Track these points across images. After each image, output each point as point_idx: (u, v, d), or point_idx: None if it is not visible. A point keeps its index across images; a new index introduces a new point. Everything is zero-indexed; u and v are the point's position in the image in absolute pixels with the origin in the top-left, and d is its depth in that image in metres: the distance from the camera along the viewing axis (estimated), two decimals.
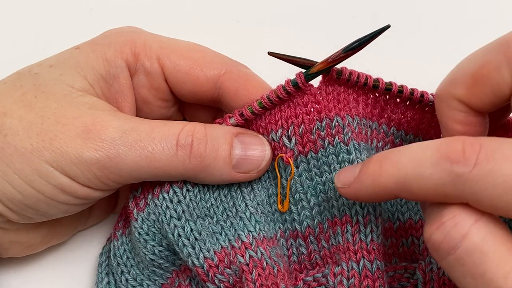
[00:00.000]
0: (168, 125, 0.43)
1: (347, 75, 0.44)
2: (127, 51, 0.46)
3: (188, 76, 0.46)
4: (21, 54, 0.49)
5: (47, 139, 0.40)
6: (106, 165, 0.40)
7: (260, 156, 0.44)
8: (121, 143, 0.41)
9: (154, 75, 0.46)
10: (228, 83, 0.45)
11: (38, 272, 0.49)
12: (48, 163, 0.40)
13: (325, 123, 0.43)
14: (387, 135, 0.46)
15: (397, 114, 0.46)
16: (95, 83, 0.44)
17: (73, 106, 0.42)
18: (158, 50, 0.46)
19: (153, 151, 0.41)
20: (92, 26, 0.49)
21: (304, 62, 0.44)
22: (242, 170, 0.43)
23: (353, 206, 0.42)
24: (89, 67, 0.44)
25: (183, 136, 0.42)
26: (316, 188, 0.44)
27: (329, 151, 0.43)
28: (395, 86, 0.45)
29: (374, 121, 0.46)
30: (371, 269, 0.41)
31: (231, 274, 0.42)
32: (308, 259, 0.44)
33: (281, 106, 0.44)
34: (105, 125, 0.41)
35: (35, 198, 0.41)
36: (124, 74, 0.46)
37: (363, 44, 0.42)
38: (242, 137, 0.44)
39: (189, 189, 0.44)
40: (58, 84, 0.43)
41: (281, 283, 0.40)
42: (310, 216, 0.44)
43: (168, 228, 0.43)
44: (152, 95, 0.47)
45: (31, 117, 0.41)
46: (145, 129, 0.42)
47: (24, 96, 0.42)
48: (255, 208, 0.44)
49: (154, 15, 0.64)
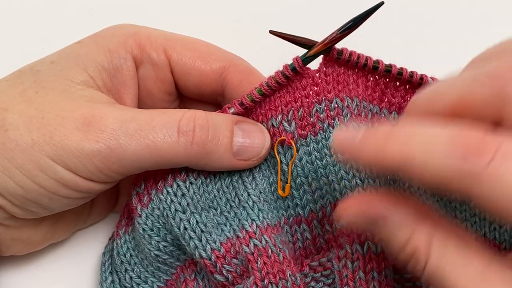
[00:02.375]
0: (168, 112, 0.43)
1: (347, 56, 0.44)
2: (131, 42, 0.46)
3: (194, 67, 0.46)
4: (21, 54, 0.49)
5: (47, 133, 0.41)
6: (107, 156, 0.40)
7: (260, 143, 0.44)
8: (121, 133, 0.41)
9: (161, 66, 0.46)
10: (233, 75, 0.46)
11: (38, 272, 0.50)
12: (49, 157, 0.40)
13: (324, 105, 0.43)
14: (388, 120, 0.46)
15: (397, 98, 0.46)
16: (96, 75, 0.45)
17: (72, 100, 0.42)
18: (164, 42, 0.46)
19: (154, 140, 0.41)
20: (92, 26, 0.49)
21: (305, 41, 0.44)
22: (242, 158, 0.43)
23: (355, 188, 0.42)
24: (89, 59, 0.45)
25: (185, 123, 0.42)
26: (317, 172, 0.43)
27: (330, 133, 0.43)
28: (394, 68, 0.45)
29: (375, 105, 0.45)
30: (375, 251, 0.41)
31: (238, 264, 0.42)
32: (313, 244, 0.44)
33: (280, 92, 0.44)
34: (104, 116, 0.41)
35: (37, 192, 0.41)
36: (127, 64, 0.46)
37: (359, 23, 0.42)
38: (242, 125, 0.44)
39: (192, 181, 0.44)
40: (58, 79, 0.43)
41: (287, 270, 0.41)
42: (312, 200, 0.44)
43: (173, 222, 0.43)
44: (157, 87, 0.47)
45: (31, 112, 0.41)
46: (145, 118, 0.42)
47: (24, 92, 0.43)
48: (258, 197, 0.44)
49: (154, 15, 0.64)
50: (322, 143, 0.43)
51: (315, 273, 0.43)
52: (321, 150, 0.43)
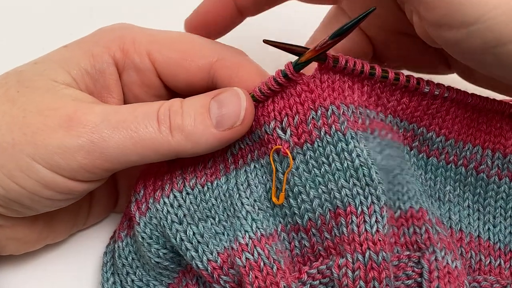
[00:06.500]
0: (149, 103, 0.43)
1: (343, 63, 0.43)
2: (114, 47, 0.45)
3: (180, 67, 0.45)
4: (21, 54, 0.49)
5: (29, 132, 0.40)
6: (90, 151, 0.40)
7: (236, 107, 0.42)
8: (103, 126, 0.41)
9: (145, 71, 0.46)
10: (221, 71, 0.45)
11: (39, 271, 0.50)
12: (30, 157, 0.40)
13: (320, 112, 0.43)
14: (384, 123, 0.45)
15: (392, 102, 0.45)
16: (79, 78, 0.44)
17: (57, 98, 0.42)
18: (148, 45, 0.46)
19: (136, 130, 0.41)
20: (92, 26, 0.49)
21: (299, 50, 0.43)
22: (225, 127, 0.42)
23: (357, 196, 0.41)
24: (73, 62, 0.45)
25: (162, 111, 0.42)
26: (315, 181, 0.43)
27: (326, 141, 0.42)
28: (391, 74, 0.44)
29: (371, 110, 0.45)
30: (377, 261, 0.40)
31: (235, 274, 0.42)
32: (311, 251, 0.44)
33: (274, 97, 0.43)
34: (87, 112, 0.41)
35: (17, 192, 0.41)
36: (110, 69, 0.45)
37: (350, 29, 0.42)
38: (218, 96, 0.43)
39: (189, 192, 0.44)
40: (41, 79, 0.43)
41: (281, 282, 0.40)
42: (311, 209, 0.43)
43: (170, 232, 0.43)
44: (144, 91, 0.47)
45: (13, 111, 0.41)
46: (127, 109, 0.42)
47: (8, 92, 0.43)
48: (252, 206, 0.43)
49: (154, 16, 0.64)
50: (319, 151, 0.43)
51: (313, 281, 0.42)
52: (319, 158, 0.43)
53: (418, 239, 0.43)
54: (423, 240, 0.43)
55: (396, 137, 0.45)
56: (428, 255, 0.42)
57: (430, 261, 0.42)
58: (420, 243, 0.44)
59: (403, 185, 0.44)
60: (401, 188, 0.44)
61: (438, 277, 0.41)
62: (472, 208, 0.47)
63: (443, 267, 0.42)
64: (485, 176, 0.47)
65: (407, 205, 0.44)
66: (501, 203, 0.48)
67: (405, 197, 0.44)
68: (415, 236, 0.44)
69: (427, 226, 0.43)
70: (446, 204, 0.47)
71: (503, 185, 0.48)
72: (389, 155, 0.44)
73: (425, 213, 0.43)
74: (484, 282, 0.45)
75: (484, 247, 0.47)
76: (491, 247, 0.47)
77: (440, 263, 0.42)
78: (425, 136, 0.46)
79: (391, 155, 0.44)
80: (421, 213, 0.44)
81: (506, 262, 0.47)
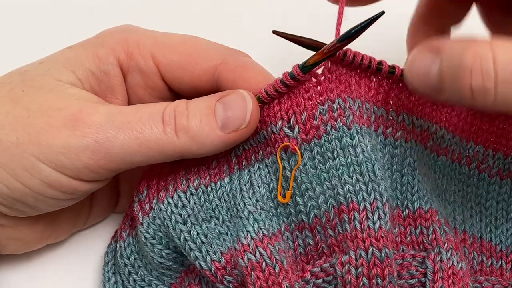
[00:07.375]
0: (154, 104, 0.43)
1: (351, 57, 0.43)
2: (119, 49, 0.46)
3: (184, 70, 0.45)
4: (21, 54, 0.49)
5: (33, 132, 0.40)
6: (95, 151, 0.40)
7: (242, 110, 0.42)
8: (108, 126, 0.41)
9: (149, 73, 0.46)
10: (225, 73, 0.45)
11: (39, 271, 0.50)
12: (34, 156, 0.40)
13: (327, 106, 0.43)
14: (396, 122, 0.45)
15: (401, 99, 0.45)
16: (84, 78, 0.44)
17: (61, 97, 0.42)
18: (152, 48, 0.46)
19: (141, 131, 0.41)
20: (92, 26, 0.49)
21: (309, 42, 0.44)
22: (230, 130, 0.42)
23: (359, 192, 0.41)
24: (78, 62, 0.45)
25: (167, 112, 0.42)
26: (320, 177, 0.43)
27: (332, 135, 0.42)
28: (398, 69, 0.44)
29: (379, 107, 0.45)
30: (380, 258, 0.40)
31: (238, 275, 0.42)
32: (315, 250, 0.44)
33: (280, 98, 0.43)
34: (92, 112, 0.41)
35: (21, 192, 0.41)
36: (115, 71, 0.46)
37: (358, 33, 0.41)
38: (224, 99, 0.43)
39: (193, 192, 0.44)
40: (45, 78, 0.43)
41: (283, 282, 0.40)
42: (317, 206, 0.43)
43: (174, 233, 0.43)
44: (148, 94, 0.47)
45: (17, 111, 0.41)
46: (131, 110, 0.42)
47: (11, 91, 0.43)
48: (254, 206, 0.43)
49: (154, 16, 0.64)
50: (326, 146, 0.42)
51: (316, 279, 0.42)
52: (324, 153, 0.43)
53: (425, 239, 0.44)
54: (429, 241, 0.43)
55: (411, 136, 0.45)
56: (433, 255, 0.42)
57: (434, 261, 0.42)
58: (426, 244, 0.44)
59: (414, 185, 0.44)
60: (410, 188, 0.44)
61: (442, 277, 0.42)
62: (474, 209, 0.47)
63: (448, 268, 0.42)
64: (486, 176, 0.48)
65: (416, 205, 0.44)
66: (503, 204, 0.48)
67: (415, 197, 0.44)
68: (421, 236, 0.44)
69: (435, 227, 0.43)
70: (451, 204, 0.47)
71: (505, 186, 0.48)
72: (394, 154, 0.44)
73: (435, 214, 0.43)
74: (485, 283, 0.45)
75: (486, 248, 0.47)
76: (493, 249, 0.47)
77: (445, 264, 0.42)
78: (438, 134, 0.46)
79: (396, 154, 0.45)
80: (430, 213, 0.44)
81: (507, 264, 0.47)
